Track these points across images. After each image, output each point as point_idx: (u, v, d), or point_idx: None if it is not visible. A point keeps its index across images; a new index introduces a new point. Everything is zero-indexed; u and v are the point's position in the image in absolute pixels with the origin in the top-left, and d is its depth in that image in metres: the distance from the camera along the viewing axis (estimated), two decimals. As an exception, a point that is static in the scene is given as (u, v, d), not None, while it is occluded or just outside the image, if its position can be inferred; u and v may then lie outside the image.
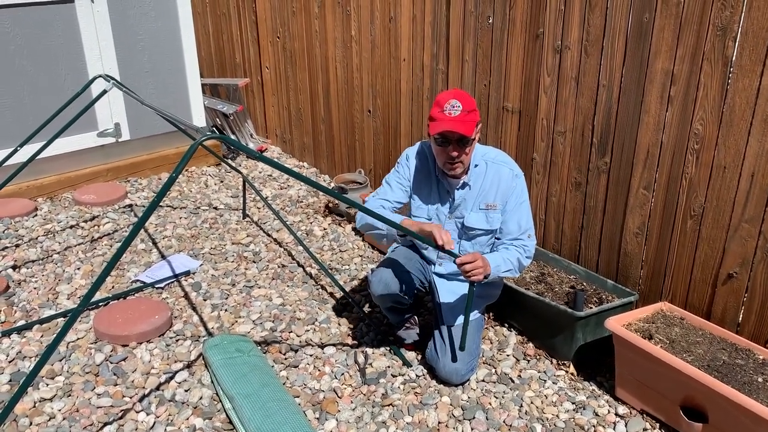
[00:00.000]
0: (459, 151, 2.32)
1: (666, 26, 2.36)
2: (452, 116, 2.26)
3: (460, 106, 2.27)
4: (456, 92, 2.33)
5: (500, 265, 2.38)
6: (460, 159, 2.34)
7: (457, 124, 2.26)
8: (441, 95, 2.33)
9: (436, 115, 2.30)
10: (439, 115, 2.29)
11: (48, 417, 2.23)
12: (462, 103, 2.27)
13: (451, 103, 2.27)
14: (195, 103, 4.73)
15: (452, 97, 2.30)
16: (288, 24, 4.57)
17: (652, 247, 2.60)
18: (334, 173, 4.53)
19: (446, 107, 2.27)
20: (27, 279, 3.14)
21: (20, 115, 3.96)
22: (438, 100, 2.32)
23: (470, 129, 2.28)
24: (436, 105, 2.31)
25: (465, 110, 2.27)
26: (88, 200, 4.02)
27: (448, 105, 2.28)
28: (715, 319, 2.43)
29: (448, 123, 2.26)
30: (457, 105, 2.27)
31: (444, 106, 2.28)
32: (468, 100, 2.30)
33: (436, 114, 2.30)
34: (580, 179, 2.82)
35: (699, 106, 2.32)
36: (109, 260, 1.90)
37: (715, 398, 2.02)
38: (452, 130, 2.25)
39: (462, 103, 2.27)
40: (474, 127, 2.30)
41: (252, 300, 3.01)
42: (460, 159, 2.34)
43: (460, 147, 2.32)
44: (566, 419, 2.29)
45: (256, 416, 2.11)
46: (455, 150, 2.31)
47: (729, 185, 2.29)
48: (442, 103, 2.29)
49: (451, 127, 2.25)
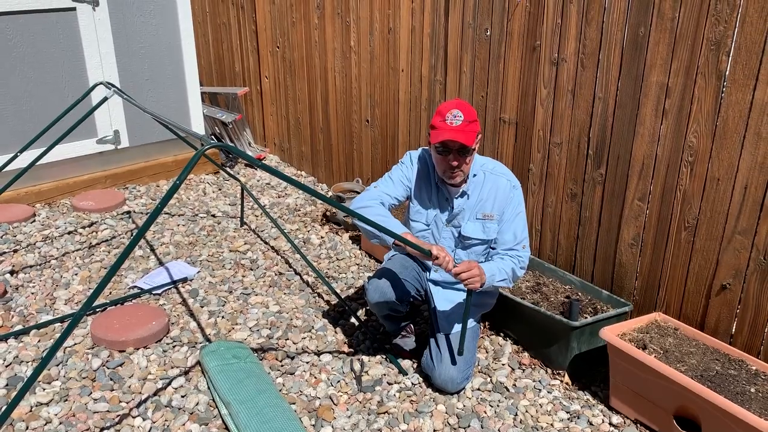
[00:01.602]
0: (459, 161, 2.34)
1: (661, 40, 2.39)
2: (454, 126, 2.29)
3: (462, 116, 2.30)
4: (458, 102, 2.36)
5: (495, 274, 2.40)
6: (460, 168, 2.37)
7: (458, 133, 2.28)
8: (443, 105, 2.36)
9: (437, 124, 2.33)
10: (440, 124, 2.32)
11: (44, 422, 2.23)
12: (464, 113, 2.30)
13: (453, 113, 2.30)
14: (194, 112, 4.75)
15: (454, 107, 2.33)
16: (288, 34, 4.60)
17: (646, 258, 2.63)
18: (332, 182, 4.55)
19: (448, 117, 2.30)
20: (25, 284, 3.14)
21: (21, 121, 3.97)
22: (440, 109, 2.35)
23: (471, 139, 2.31)
24: (438, 114, 2.34)
25: (466, 120, 2.30)
26: (87, 206, 4.03)
27: (450, 114, 2.30)
28: (709, 329, 2.45)
29: (450, 132, 2.29)
30: (459, 115, 2.30)
31: (446, 116, 2.31)
32: (469, 111, 2.33)
33: (438, 123, 2.33)
34: (576, 190, 2.85)
35: (693, 119, 2.35)
36: (112, 265, 1.91)
37: (708, 408, 2.04)
38: (453, 139, 2.28)
39: (464, 113, 2.30)
40: (474, 137, 2.33)
41: (249, 307, 3.02)
42: (460, 168, 2.37)
43: (460, 156, 2.34)
44: (561, 428, 2.30)
45: (252, 422, 2.11)
46: (456, 159, 2.34)
47: (722, 197, 2.32)
48: (444, 112, 2.32)
49: (452, 137, 2.28)
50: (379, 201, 2.47)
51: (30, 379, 1.86)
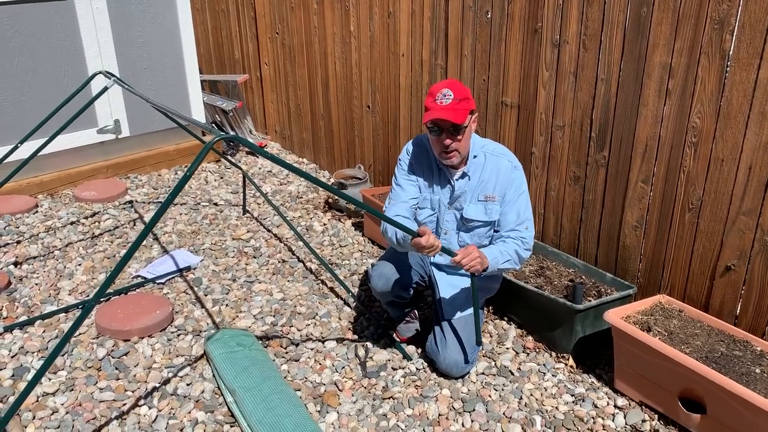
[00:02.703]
0: (452, 139, 2.34)
1: (664, 20, 2.36)
2: (443, 105, 2.29)
3: (452, 95, 2.29)
4: (449, 82, 2.35)
5: (498, 257, 2.39)
6: (454, 148, 2.36)
7: (448, 112, 2.28)
8: (434, 85, 2.36)
9: (428, 105, 2.34)
10: (431, 104, 2.32)
11: (51, 411, 2.24)
12: (453, 92, 2.30)
13: (443, 92, 2.30)
14: (194, 100, 4.74)
15: (444, 86, 2.32)
16: (287, 20, 4.57)
17: (650, 240, 2.61)
18: (333, 169, 4.54)
19: (438, 96, 2.30)
20: (28, 275, 3.15)
21: (20, 111, 3.96)
22: (431, 90, 2.35)
23: (461, 117, 2.29)
24: (429, 95, 2.34)
25: (456, 98, 2.29)
26: (89, 197, 4.03)
27: (440, 94, 2.30)
28: (713, 311, 2.45)
29: (439, 111, 2.28)
30: (449, 93, 2.30)
31: (436, 96, 2.31)
32: (460, 89, 2.32)
33: (429, 103, 2.33)
34: (579, 173, 2.83)
35: (697, 100, 2.33)
36: (122, 257, 1.90)
37: (713, 389, 2.04)
38: (443, 117, 2.27)
39: (453, 91, 2.30)
40: (466, 114, 2.31)
41: (252, 295, 3.03)
42: (454, 148, 2.36)
43: (452, 135, 2.33)
44: (566, 411, 2.31)
45: (257, 409, 2.12)
46: (448, 138, 2.33)
47: (727, 178, 2.31)
48: (435, 92, 2.32)
49: (441, 115, 2.27)
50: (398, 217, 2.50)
51: (39, 371, 1.85)
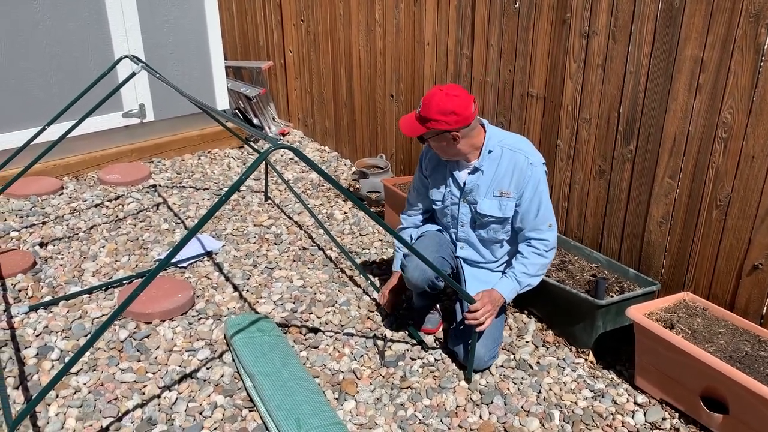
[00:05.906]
0: (430, 144, 2.45)
1: (697, 12, 2.32)
2: (410, 113, 2.42)
3: (419, 111, 2.35)
4: (432, 93, 2.32)
5: (515, 287, 2.44)
6: (436, 149, 2.45)
7: (404, 122, 2.41)
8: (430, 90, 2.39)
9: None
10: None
11: (74, 390, 2.28)
12: (422, 109, 2.33)
13: (421, 101, 2.36)
14: (219, 86, 4.75)
15: (428, 97, 2.33)
16: (312, 7, 4.56)
17: (676, 236, 2.58)
18: (355, 157, 4.53)
19: (420, 102, 2.40)
20: (53, 256, 3.20)
21: (48, 95, 4.01)
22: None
23: (412, 131, 2.37)
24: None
25: (420, 115, 2.34)
26: (113, 180, 4.07)
27: (421, 101, 2.36)
28: (739, 310, 2.41)
29: (402, 118, 2.43)
30: (419, 106, 2.35)
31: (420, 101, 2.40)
32: (433, 107, 2.29)
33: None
34: (605, 167, 2.79)
35: (728, 95, 2.28)
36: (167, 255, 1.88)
37: (737, 389, 2.01)
38: (400, 127, 2.41)
39: (422, 108, 2.33)
40: (420, 131, 2.35)
41: (273, 281, 3.04)
42: (436, 149, 2.45)
43: (425, 142, 2.45)
44: (585, 406, 2.29)
45: (276, 395, 2.13)
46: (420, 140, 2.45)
47: (757, 175, 2.26)
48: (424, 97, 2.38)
49: (400, 122, 2.41)
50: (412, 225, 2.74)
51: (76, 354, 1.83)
